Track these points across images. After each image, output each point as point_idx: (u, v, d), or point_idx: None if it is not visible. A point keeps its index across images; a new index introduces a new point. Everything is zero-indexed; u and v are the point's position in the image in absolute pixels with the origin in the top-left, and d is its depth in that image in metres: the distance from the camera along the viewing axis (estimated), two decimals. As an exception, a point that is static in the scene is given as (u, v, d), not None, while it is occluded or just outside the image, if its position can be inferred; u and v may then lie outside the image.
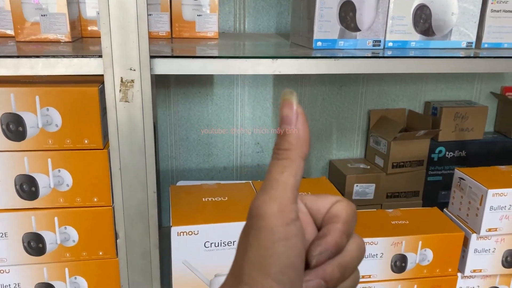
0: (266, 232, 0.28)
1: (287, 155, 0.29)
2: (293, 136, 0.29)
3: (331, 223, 0.31)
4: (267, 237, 0.28)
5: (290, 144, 0.29)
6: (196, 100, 1.24)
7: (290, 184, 0.29)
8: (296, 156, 0.29)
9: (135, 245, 0.77)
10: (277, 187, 0.29)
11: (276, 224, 0.28)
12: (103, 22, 0.66)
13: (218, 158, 1.30)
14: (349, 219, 0.31)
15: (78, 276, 0.79)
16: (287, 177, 0.29)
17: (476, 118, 1.32)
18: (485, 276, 0.94)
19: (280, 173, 0.29)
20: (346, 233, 0.31)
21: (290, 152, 0.29)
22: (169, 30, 0.99)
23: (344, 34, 0.86)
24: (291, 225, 0.28)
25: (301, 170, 0.30)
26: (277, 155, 0.30)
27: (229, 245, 0.79)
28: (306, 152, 0.30)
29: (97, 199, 0.75)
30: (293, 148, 0.29)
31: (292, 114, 0.29)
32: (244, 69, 0.74)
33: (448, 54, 0.87)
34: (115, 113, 0.70)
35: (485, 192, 0.86)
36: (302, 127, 0.29)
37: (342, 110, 1.35)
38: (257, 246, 0.28)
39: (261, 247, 0.28)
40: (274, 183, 0.29)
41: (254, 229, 0.29)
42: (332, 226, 0.31)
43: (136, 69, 0.68)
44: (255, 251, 0.28)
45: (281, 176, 0.29)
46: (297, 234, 0.29)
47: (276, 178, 0.29)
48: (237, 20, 1.20)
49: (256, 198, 0.30)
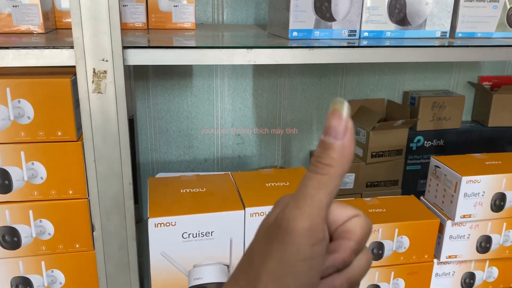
0: (292, 249, 0.27)
1: (327, 171, 0.27)
2: (337, 152, 0.27)
3: (344, 239, 0.29)
4: (292, 255, 0.27)
5: (332, 160, 0.27)
6: (176, 92, 1.23)
7: (324, 203, 0.28)
8: (336, 174, 0.27)
9: (111, 237, 0.76)
10: (311, 203, 0.27)
11: (303, 244, 0.27)
12: (73, 13, 0.65)
13: (198, 150, 1.30)
14: (363, 238, 0.30)
15: (55, 269, 0.78)
16: (323, 195, 0.27)
17: (454, 108, 1.34)
18: (460, 262, 0.96)
19: (316, 189, 0.27)
20: (357, 251, 0.30)
21: (330, 168, 0.27)
22: (145, 21, 0.98)
23: (319, 24, 0.86)
24: (317, 246, 0.27)
25: (338, 188, 0.28)
26: (317, 168, 0.27)
27: (207, 235, 0.79)
28: (347, 170, 0.28)
29: (72, 191, 0.75)
30: (334, 164, 0.27)
31: (340, 127, 0.27)
32: (219, 59, 0.74)
33: (423, 43, 0.88)
34: (88, 105, 0.69)
35: (459, 179, 0.88)
36: (348, 144, 0.27)
37: (322, 101, 1.36)
38: (279, 260, 0.27)
39: (284, 263, 0.27)
40: (308, 198, 0.27)
41: (278, 241, 0.28)
42: (344, 243, 0.29)
43: (108, 60, 0.68)
44: (276, 264, 0.27)
45: (317, 192, 0.27)
46: (322, 254, 0.28)
47: (312, 194, 0.27)
48: (215, 11, 1.19)
49: (286, 209, 0.28)
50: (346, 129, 0.27)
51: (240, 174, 0.93)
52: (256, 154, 1.36)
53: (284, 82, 1.31)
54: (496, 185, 0.89)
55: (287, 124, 1.35)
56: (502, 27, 0.97)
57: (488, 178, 0.88)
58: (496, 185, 0.89)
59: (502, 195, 0.90)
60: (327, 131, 0.27)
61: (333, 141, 0.27)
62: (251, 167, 1.36)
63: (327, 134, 0.27)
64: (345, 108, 0.27)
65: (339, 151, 0.27)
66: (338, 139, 0.27)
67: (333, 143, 0.27)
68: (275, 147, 1.37)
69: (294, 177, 0.92)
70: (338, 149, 0.27)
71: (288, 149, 1.38)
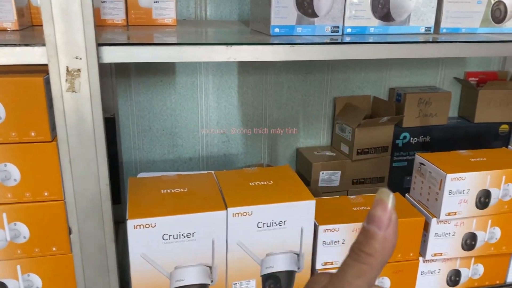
0: None
1: (368, 261, 0.27)
2: (379, 242, 0.27)
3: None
4: None
5: (374, 250, 0.27)
6: (158, 89, 1.21)
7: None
8: (377, 265, 0.27)
9: (89, 239, 0.74)
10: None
11: None
12: (44, 8, 0.63)
13: (183, 148, 1.28)
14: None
15: (31, 273, 0.76)
16: (361, 283, 0.27)
17: (440, 104, 1.33)
18: (446, 260, 0.95)
19: (356, 277, 0.27)
20: None
21: (372, 258, 0.27)
22: (124, 18, 0.96)
23: (301, 20, 0.84)
24: None
25: (377, 278, 0.29)
26: (358, 256, 0.28)
27: (188, 237, 0.77)
28: (387, 261, 0.28)
29: (47, 193, 0.73)
30: (376, 255, 0.27)
31: (385, 218, 0.27)
32: (198, 56, 0.72)
33: (407, 39, 0.87)
34: (62, 104, 0.67)
35: (444, 176, 0.87)
36: (391, 235, 0.27)
37: (308, 98, 1.34)
38: None
39: None
40: (346, 285, 0.27)
41: None
42: None
43: (82, 58, 0.65)
44: None
45: (356, 280, 0.27)
46: None
47: (350, 281, 0.27)
48: (198, 6, 1.17)
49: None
50: (390, 221, 0.27)
51: (224, 173, 0.91)
52: (242, 152, 1.34)
53: (269, 79, 1.30)
54: (480, 182, 0.88)
55: (273, 122, 1.34)
56: (486, 22, 0.96)
57: (473, 175, 0.87)
58: (481, 182, 0.88)
59: (487, 192, 0.89)
60: (371, 220, 0.27)
61: (377, 231, 0.27)
62: (237, 166, 1.35)
63: (371, 223, 0.27)
64: (390, 199, 0.27)
65: (381, 242, 0.27)
66: (381, 230, 0.27)
67: (376, 233, 0.27)
68: (261, 145, 1.35)
69: (279, 175, 0.91)
70: (380, 240, 0.27)
71: (274, 147, 1.37)
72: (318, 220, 0.84)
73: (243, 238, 0.80)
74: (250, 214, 0.79)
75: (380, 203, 0.27)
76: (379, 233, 0.27)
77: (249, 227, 0.79)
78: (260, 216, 0.79)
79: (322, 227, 0.84)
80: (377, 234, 0.27)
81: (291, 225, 0.81)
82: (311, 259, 0.86)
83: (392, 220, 0.27)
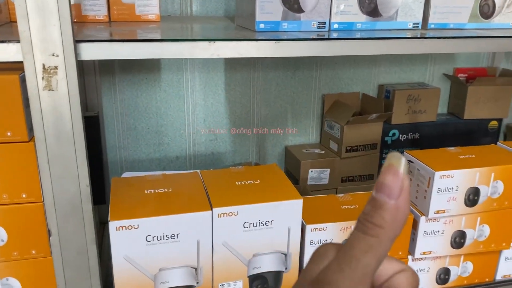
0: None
1: (377, 233, 0.24)
2: (390, 213, 0.24)
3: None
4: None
5: (384, 222, 0.24)
6: (143, 87, 1.19)
7: (371, 268, 0.25)
8: (387, 238, 0.24)
9: (69, 242, 0.72)
10: (356, 267, 0.24)
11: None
12: (18, 4, 0.60)
13: (169, 147, 1.26)
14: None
15: (10, 277, 0.74)
16: (370, 259, 0.24)
17: (429, 100, 1.32)
18: (435, 258, 0.94)
19: (363, 252, 0.24)
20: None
21: (381, 230, 0.24)
22: (107, 14, 0.93)
23: (287, 16, 0.83)
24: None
25: (387, 254, 0.25)
26: (366, 228, 0.25)
27: (172, 238, 0.76)
28: (398, 235, 0.25)
29: (25, 195, 0.70)
30: (386, 226, 0.24)
31: (396, 186, 0.24)
32: (180, 52, 0.70)
33: (394, 35, 0.86)
34: (39, 103, 0.65)
35: (432, 174, 0.86)
36: (403, 205, 0.24)
37: (296, 95, 1.33)
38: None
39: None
40: (354, 261, 0.25)
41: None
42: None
43: (59, 55, 0.63)
44: None
45: (364, 256, 0.24)
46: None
47: (358, 257, 0.24)
48: (183, 2, 1.15)
49: (329, 270, 0.25)
50: (402, 189, 0.24)
51: (209, 173, 0.90)
52: (230, 150, 1.32)
53: (257, 76, 1.28)
54: (469, 180, 0.87)
55: (261, 119, 1.32)
56: (474, 18, 0.95)
57: (462, 173, 0.87)
58: (470, 179, 0.87)
59: (475, 190, 0.88)
60: (380, 188, 0.24)
61: (387, 200, 0.24)
62: (225, 164, 1.33)
63: (380, 191, 0.24)
64: (402, 164, 0.24)
65: (392, 213, 0.24)
66: (392, 199, 0.24)
67: (386, 202, 0.24)
68: (250, 143, 1.33)
69: (266, 174, 0.89)
70: (391, 210, 0.24)
71: (263, 145, 1.35)
72: (305, 219, 0.83)
73: (229, 239, 0.78)
74: (236, 214, 0.77)
75: (391, 169, 0.24)
76: (390, 203, 0.24)
77: (235, 227, 0.78)
78: (246, 216, 0.77)
79: (310, 226, 0.82)
80: (387, 204, 0.24)
81: (278, 224, 0.80)
82: (299, 259, 0.84)
83: (405, 187, 0.24)
